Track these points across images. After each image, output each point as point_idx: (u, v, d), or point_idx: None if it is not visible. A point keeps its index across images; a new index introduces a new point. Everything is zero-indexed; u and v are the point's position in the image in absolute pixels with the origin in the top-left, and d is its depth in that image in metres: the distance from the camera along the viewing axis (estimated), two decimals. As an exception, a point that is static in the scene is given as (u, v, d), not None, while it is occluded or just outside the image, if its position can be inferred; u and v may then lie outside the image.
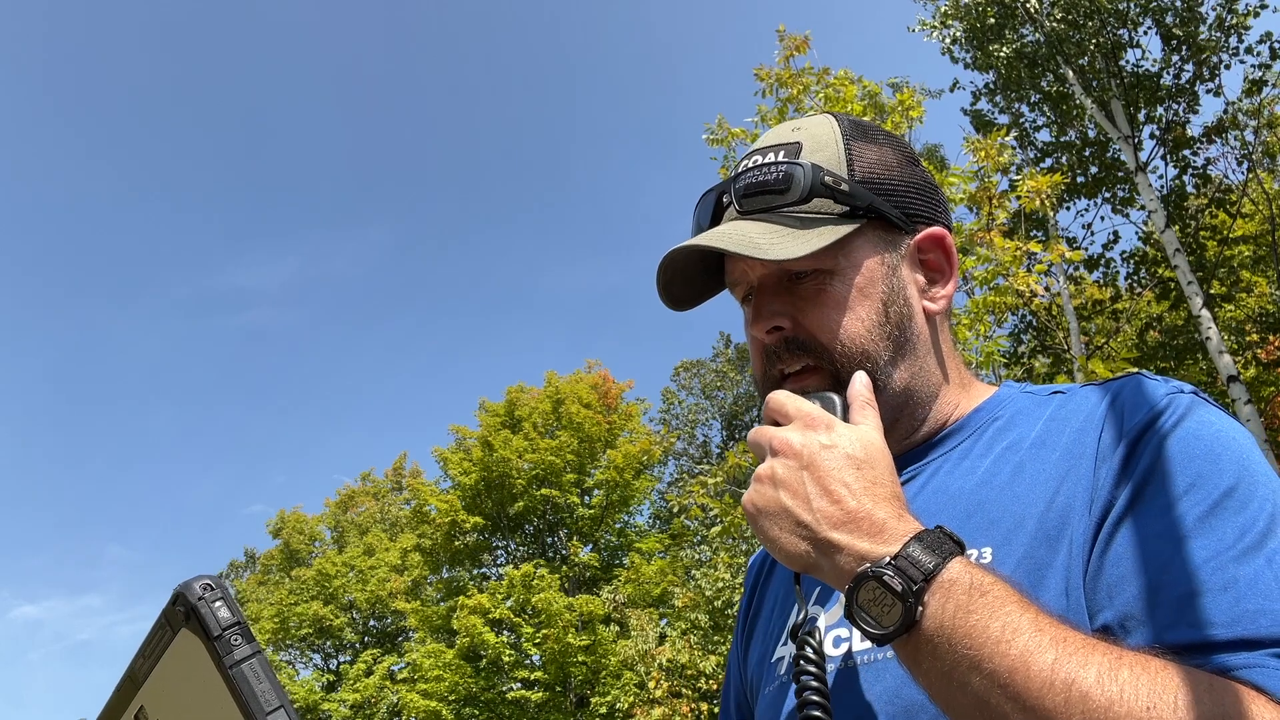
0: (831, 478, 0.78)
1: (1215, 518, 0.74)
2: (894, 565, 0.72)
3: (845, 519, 0.76)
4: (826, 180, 0.93)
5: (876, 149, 0.98)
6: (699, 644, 14.56)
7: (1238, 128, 12.48)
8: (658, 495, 24.64)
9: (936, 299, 0.99)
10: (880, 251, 0.95)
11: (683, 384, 29.49)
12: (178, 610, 0.65)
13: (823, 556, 0.77)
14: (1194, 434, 0.80)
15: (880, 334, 0.93)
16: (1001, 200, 8.21)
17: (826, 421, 0.82)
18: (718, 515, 10.51)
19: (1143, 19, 12.31)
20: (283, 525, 28.11)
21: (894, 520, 0.76)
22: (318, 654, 26.38)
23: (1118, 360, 9.67)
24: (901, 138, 1.06)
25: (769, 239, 0.91)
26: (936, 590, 0.71)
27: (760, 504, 0.81)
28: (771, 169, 0.95)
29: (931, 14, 12.93)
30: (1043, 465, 0.86)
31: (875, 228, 0.96)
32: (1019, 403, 0.97)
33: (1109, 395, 0.88)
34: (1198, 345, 12.59)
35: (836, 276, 0.93)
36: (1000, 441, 0.93)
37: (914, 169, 1.01)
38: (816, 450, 0.80)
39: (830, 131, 0.98)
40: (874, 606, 0.72)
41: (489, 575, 22.88)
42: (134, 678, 0.71)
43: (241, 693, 0.62)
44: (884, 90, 9.12)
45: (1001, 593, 0.70)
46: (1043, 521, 0.82)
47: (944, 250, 0.99)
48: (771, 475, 0.81)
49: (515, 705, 19.50)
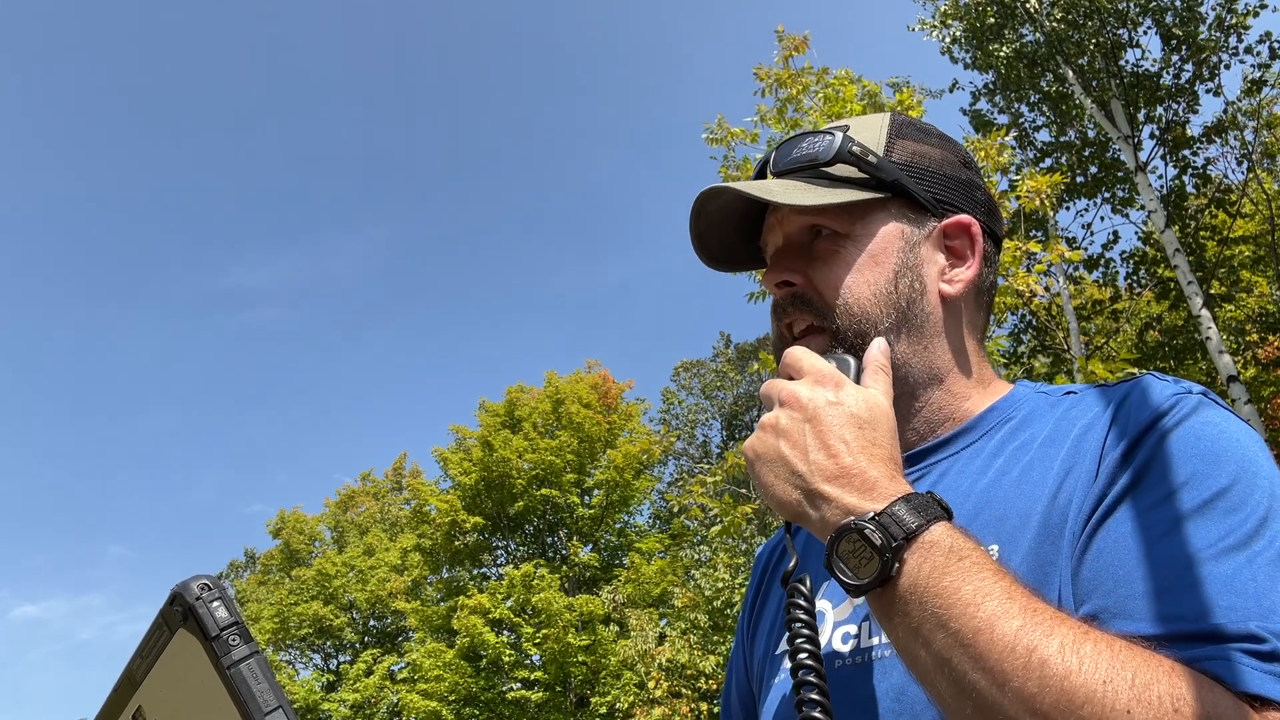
0: (831, 433, 0.80)
1: (1202, 516, 0.74)
2: (877, 521, 0.73)
3: (838, 473, 0.78)
4: (854, 150, 0.95)
5: (924, 145, 1.01)
6: (699, 644, 14.56)
7: (1238, 128, 12.48)
8: (658, 495, 24.66)
9: (954, 281, 0.99)
10: (902, 227, 0.97)
11: (683, 384, 29.50)
12: (175, 610, 0.65)
13: (811, 507, 0.78)
14: (1195, 433, 0.80)
15: (885, 301, 0.95)
16: (1001, 200, 8.21)
17: (836, 380, 0.84)
18: (718, 515, 10.51)
19: (1143, 19, 12.30)
20: (283, 525, 28.11)
21: (885, 480, 0.77)
22: (318, 654, 26.39)
23: (1118, 360, 9.67)
24: (961, 145, 1.07)
25: (786, 191, 0.94)
26: (916, 550, 0.72)
27: (760, 450, 0.83)
28: (809, 137, 0.99)
29: (931, 14, 12.93)
30: (1049, 463, 0.87)
31: (901, 205, 0.98)
32: (1033, 403, 0.96)
33: (1119, 395, 0.88)
34: (1198, 345, 12.58)
35: (851, 240, 0.96)
36: (1012, 442, 0.93)
37: (962, 169, 1.02)
38: (822, 405, 0.82)
39: (880, 121, 1.01)
40: (852, 558, 0.74)
41: (489, 575, 22.88)
42: (132, 678, 0.71)
43: (239, 693, 0.61)
44: (884, 90, 9.12)
45: (979, 559, 0.71)
46: (1046, 518, 0.82)
47: (970, 238, 1.00)
48: (775, 424, 0.83)
49: (515, 705, 19.50)
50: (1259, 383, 14.05)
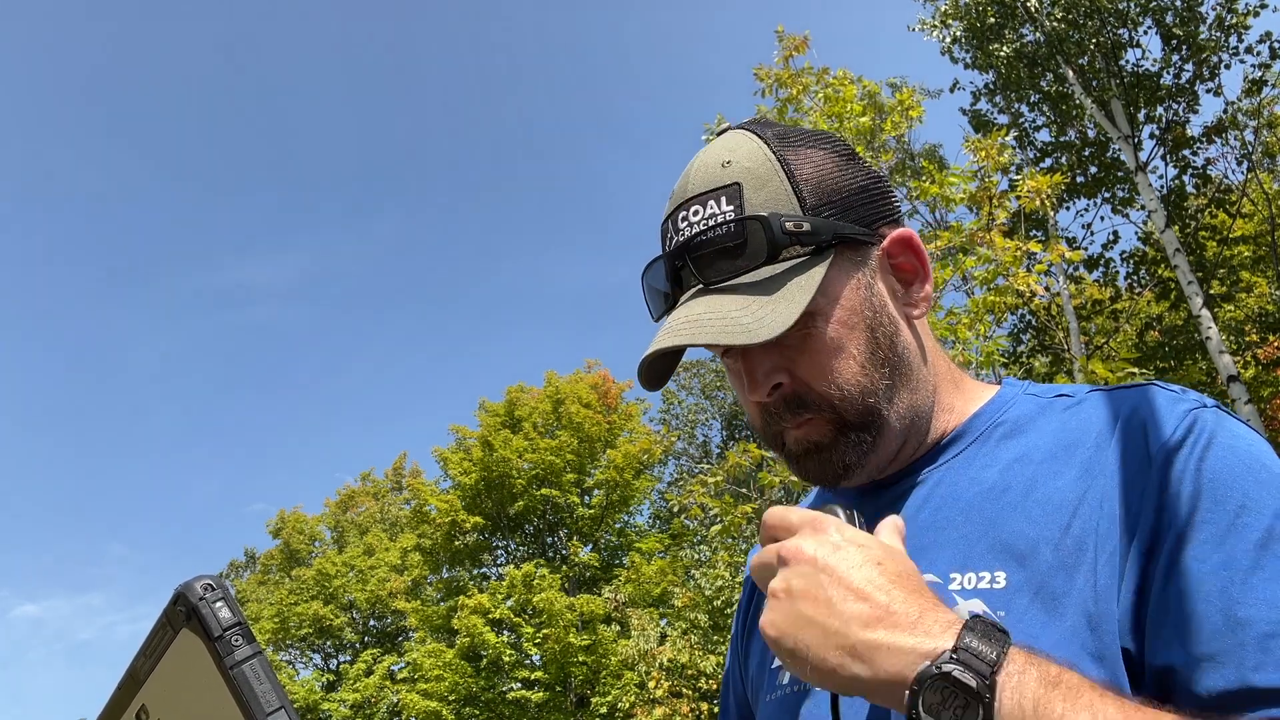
0: (853, 574, 0.70)
1: (1276, 544, 0.73)
2: (956, 660, 0.64)
3: (879, 615, 0.68)
4: (788, 227, 0.86)
5: (812, 158, 0.91)
6: (699, 644, 14.57)
7: (1238, 128, 12.49)
8: (658, 495, 24.65)
9: (917, 304, 0.95)
10: (853, 274, 0.90)
11: (683, 384, 29.49)
12: (179, 610, 0.65)
13: (861, 663, 0.67)
14: (1230, 452, 0.78)
15: (874, 365, 0.89)
16: (1001, 200, 8.21)
17: (834, 523, 0.76)
18: (718, 515, 10.50)
19: (1143, 19, 12.32)
20: (283, 525, 28.12)
21: (933, 610, 0.69)
22: (318, 654, 26.40)
23: (1118, 360, 9.66)
24: (828, 132, 0.99)
25: (750, 314, 0.85)
26: (1007, 683, 0.64)
27: (779, 623, 0.72)
28: (722, 228, 0.87)
29: (931, 14, 12.95)
30: (1057, 483, 0.83)
31: (843, 251, 0.90)
32: (1023, 405, 0.93)
33: (1127, 409, 0.84)
34: (1198, 345, 12.59)
35: (819, 317, 0.88)
36: (1007, 449, 0.89)
37: (853, 165, 0.94)
38: (830, 551, 0.72)
39: (763, 157, 0.90)
40: (945, 709, 0.64)
41: (489, 575, 22.90)
42: (135, 677, 0.71)
43: (242, 693, 0.62)
44: (883, 90, 9.13)
45: (1074, 680, 0.65)
46: (1059, 548, 0.79)
47: (913, 250, 0.94)
48: (786, 588, 0.72)
49: (515, 705, 19.52)
50: (1259, 383, 14.06)
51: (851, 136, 8.53)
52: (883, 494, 0.95)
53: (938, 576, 0.84)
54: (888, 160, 9.16)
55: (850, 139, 8.52)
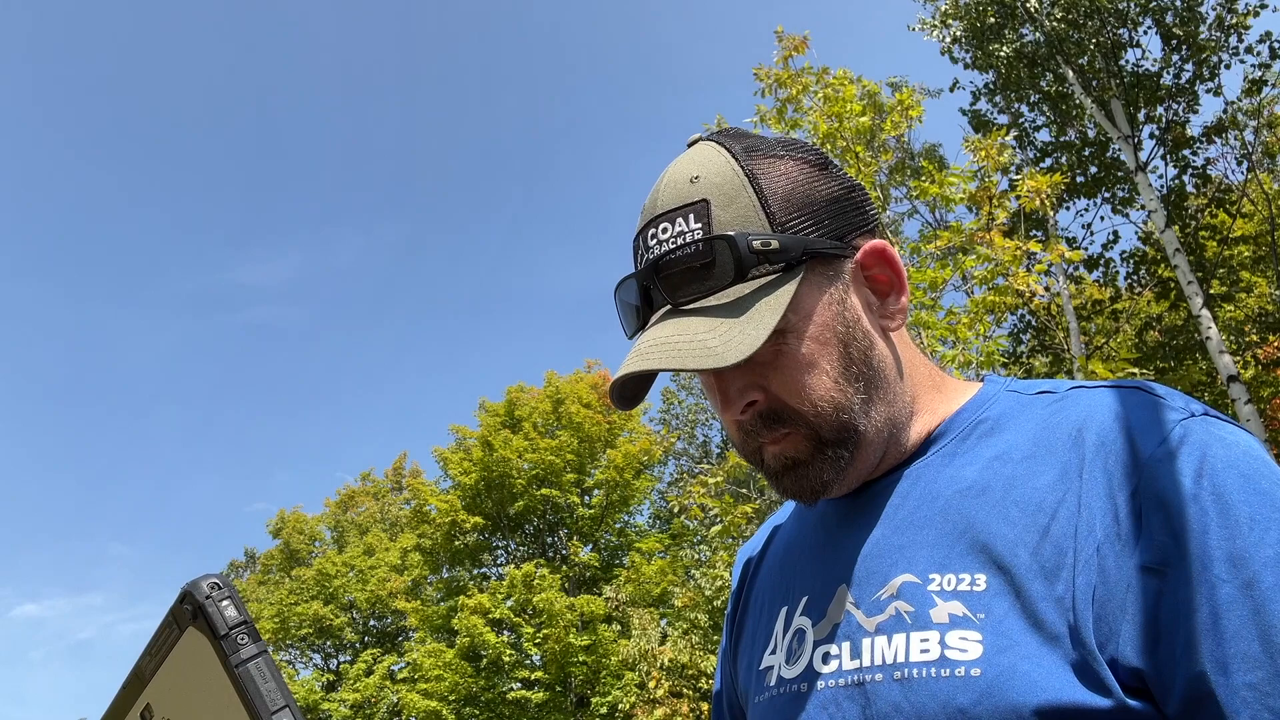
0: None
1: None
2: None
3: None
4: (756, 246, 0.85)
5: (782, 169, 0.90)
6: (699, 644, 14.58)
7: (1238, 128, 12.49)
8: (658, 495, 24.67)
9: (893, 316, 0.94)
10: (826, 289, 0.89)
11: (683, 384, 29.48)
12: (185, 609, 0.66)
13: None
14: (1226, 462, 0.76)
15: (848, 380, 0.89)
16: (1001, 200, 8.22)
17: None
18: (718, 515, 10.51)
19: (1143, 19, 12.32)
20: (283, 525, 28.12)
21: None
22: (318, 654, 26.39)
23: (1118, 360, 9.67)
24: (800, 141, 0.97)
25: (717, 337, 0.84)
26: None
27: None
28: (690, 247, 0.87)
29: (931, 13, 12.95)
30: (1036, 484, 0.82)
31: (815, 265, 0.88)
32: (1004, 403, 0.92)
33: (1112, 411, 0.83)
34: (1198, 345, 12.60)
35: (790, 334, 0.87)
36: (987, 447, 0.88)
37: (826, 175, 0.92)
38: None
39: (730, 172, 0.89)
40: None
41: (489, 575, 22.91)
42: (140, 675, 0.72)
43: (247, 691, 0.62)
44: (883, 90, 9.14)
45: None
46: (1038, 553, 0.78)
47: (888, 262, 0.93)
48: None
49: (516, 705, 19.52)
50: (1259, 383, 14.08)
51: (851, 136, 8.53)
52: (861, 492, 0.95)
53: (917, 577, 0.83)
54: (887, 160, 9.18)
55: (850, 139, 8.53)
